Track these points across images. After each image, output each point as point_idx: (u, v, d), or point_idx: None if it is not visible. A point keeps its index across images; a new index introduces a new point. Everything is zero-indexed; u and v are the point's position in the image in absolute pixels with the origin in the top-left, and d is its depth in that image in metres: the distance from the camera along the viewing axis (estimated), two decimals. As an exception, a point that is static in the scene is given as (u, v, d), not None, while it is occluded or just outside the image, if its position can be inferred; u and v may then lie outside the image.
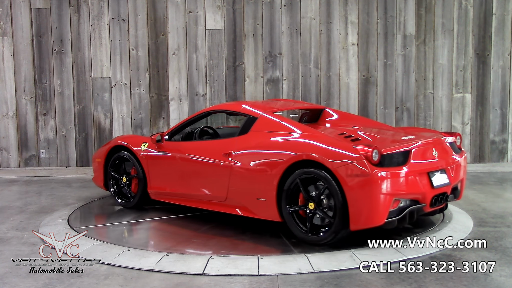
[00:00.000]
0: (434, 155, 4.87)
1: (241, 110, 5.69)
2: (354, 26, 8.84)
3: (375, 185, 4.39)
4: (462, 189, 5.30)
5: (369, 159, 4.40)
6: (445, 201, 4.92)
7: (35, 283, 3.95)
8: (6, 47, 8.84)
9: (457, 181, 5.08)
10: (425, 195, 4.66)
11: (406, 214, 4.60)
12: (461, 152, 5.29)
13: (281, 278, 3.96)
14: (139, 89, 8.89)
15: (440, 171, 4.82)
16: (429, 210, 4.79)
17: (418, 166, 4.65)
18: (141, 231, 5.59)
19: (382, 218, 4.42)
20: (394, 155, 4.57)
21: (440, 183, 4.78)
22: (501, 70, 8.85)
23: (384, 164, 4.47)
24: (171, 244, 4.92)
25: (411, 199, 4.62)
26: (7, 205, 6.67)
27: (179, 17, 8.82)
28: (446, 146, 5.11)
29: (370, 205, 4.41)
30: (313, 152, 4.64)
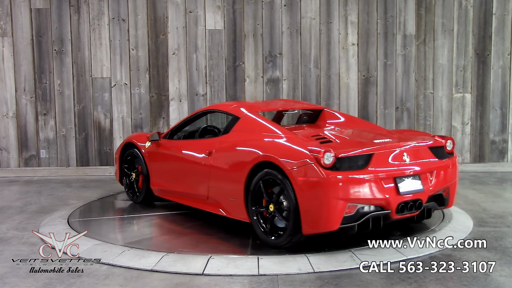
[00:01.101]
0: (405, 160, 4.59)
1: (227, 110, 5.75)
2: (354, 26, 8.84)
3: (326, 189, 4.26)
4: (452, 196, 5.00)
5: (320, 162, 4.28)
6: (418, 209, 4.58)
7: (35, 283, 3.95)
8: (6, 47, 8.84)
9: (439, 188, 4.78)
10: (390, 201, 4.41)
11: (369, 220, 4.41)
12: (451, 157, 4.98)
13: (281, 278, 3.96)
14: (139, 89, 8.89)
15: (411, 177, 4.56)
16: (397, 217, 4.51)
17: (381, 171, 4.43)
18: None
19: (335, 224, 4.27)
20: (351, 159, 4.39)
21: (409, 189, 4.51)
22: (501, 70, 8.85)
23: (339, 168, 4.31)
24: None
25: (372, 204, 4.42)
26: (7, 205, 6.68)
27: (179, 17, 8.82)
28: (424, 151, 4.81)
29: (321, 210, 4.27)
30: (272, 154, 4.60)
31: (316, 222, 4.31)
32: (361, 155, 4.44)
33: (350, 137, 5.13)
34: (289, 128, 5.59)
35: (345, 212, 4.30)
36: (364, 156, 4.44)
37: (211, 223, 5.50)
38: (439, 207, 4.96)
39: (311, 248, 4.52)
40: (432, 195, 4.75)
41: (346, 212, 4.30)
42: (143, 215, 6.07)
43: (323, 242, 4.68)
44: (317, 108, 6.20)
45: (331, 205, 4.26)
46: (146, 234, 5.47)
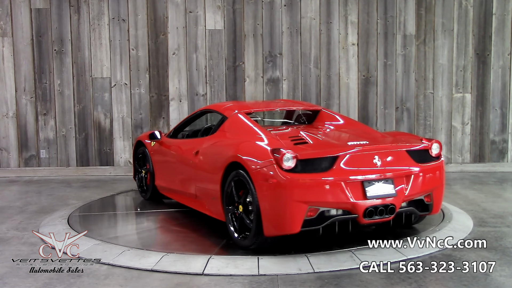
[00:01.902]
0: (375, 163, 4.47)
1: (218, 109, 5.82)
2: (354, 26, 8.84)
3: (285, 191, 4.22)
4: (436, 202, 4.82)
5: (280, 164, 4.25)
6: (391, 214, 4.44)
7: (35, 283, 3.95)
8: (6, 47, 8.84)
9: (417, 193, 4.63)
10: (356, 205, 4.31)
11: (335, 223, 4.35)
12: (435, 162, 4.82)
13: (281, 278, 3.96)
14: (139, 89, 8.89)
15: (382, 181, 4.43)
16: (366, 222, 4.40)
17: (346, 174, 4.34)
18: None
19: (296, 226, 4.23)
20: (314, 161, 4.33)
21: (379, 193, 4.39)
22: (501, 70, 8.85)
23: (301, 170, 4.27)
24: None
25: (336, 208, 4.35)
26: (7, 205, 6.68)
27: (179, 17, 8.82)
28: (401, 154, 4.66)
29: (280, 212, 4.24)
30: (240, 154, 4.62)
31: (276, 224, 4.28)
32: (325, 158, 4.37)
33: (327, 139, 5.01)
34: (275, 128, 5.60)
35: (306, 215, 4.24)
36: (328, 159, 4.37)
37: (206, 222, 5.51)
38: (421, 213, 4.77)
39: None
40: (410, 200, 4.61)
41: (307, 215, 4.24)
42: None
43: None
44: (314, 108, 6.11)
45: (290, 208, 4.22)
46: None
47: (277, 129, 5.62)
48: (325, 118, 5.84)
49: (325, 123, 5.74)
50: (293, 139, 4.79)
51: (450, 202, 6.40)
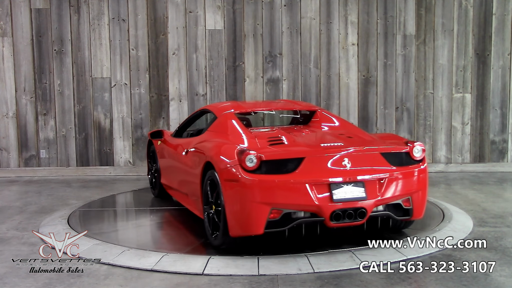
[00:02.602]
0: (345, 166, 4.40)
1: (211, 109, 5.89)
2: (354, 26, 8.84)
3: (246, 191, 4.23)
4: (417, 206, 4.67)
5: (243, 165, 4.26)
6: (361, 218, 4.36)
7: (35, 283, 3.94)
8: (6, 47, 8.84)
9: (393, 197, 4.50)
10: (322, 208, 4.24)
11: (301, 225, 4.33)
12: (416, 165, 4.68)
13: (281, 278, 3.96)
14: (139, 89, 8.89)
15: (351, 184, 4.35)
16: (333, 225, 4.33)
17: (311, 176, 4.27)
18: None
19: (259, 228, 4.23)
20: (278, 162, 4.31)
21: (346, 197, 4.30)
22: (501, 70, 8.85)
23: (265, 171, 4.26)
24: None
25: (300, 210, 4.29)
26: (7, 205, 6.68)
27: (179, 17, 8.82)
28: (375, 157, 4.56)
29: (242, 212, 4.26)
30: (213, 155, 4.66)
31: (239, 224, 4.30)
32: (290, 159, 4.33)
33: (303, 141, 4.93)
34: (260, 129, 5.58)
35: (268, 217, 4.21)
36: (293, 160, 4.32)
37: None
38: (399, 217, 4.64)
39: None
40: (385, 204, 4.50)
41: (270, 217, 4.22)
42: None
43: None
44: (311, 109, 6.03)
45: (252, 208, 4.22)
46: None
47: (262, 129, 5.62)
48: (321, 119, 5.75)
49: (320, 124, 5.67)
50: (271, 140, 4.78)
51: (450, 202, 6.40)
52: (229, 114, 5.44)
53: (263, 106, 6.59)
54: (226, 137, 5.02)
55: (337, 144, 4.66)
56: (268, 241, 4.71)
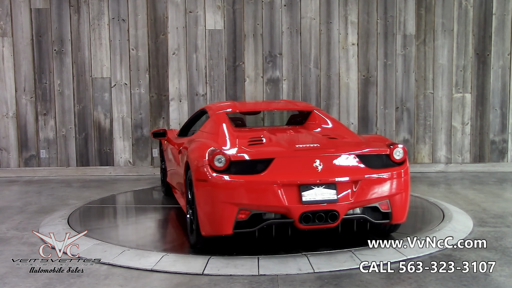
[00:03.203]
0: (316, 168, 4.33)
1: (207, 109, 5.93)
2: (354, 26, 8.84)
3: (214, 191, 4.26)
4: (397, 210, 4.54)
5: (212, 165, 4.28)
6: (333, 220, 4.28)
7: (35, 283, 3.94)
8: (6, 47, 8.84)
9: (367, 200, 4.42)
10: (291, 210, 4.20)
11: (271, 226, 4.34)
12: (395, 167, 4.56)
13: (281, 278, 3.96)
14: (139, 89, 8.89)
15: (322, 186, 4.28)
16: (304, 227, 4.28)
17: (280, 177, 4.23)
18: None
19: (227, 228, 4.25)
20: (248, 163, 4.31)
21: (316, 199, 4.23)
22: (501, 70, 8.85)
23: (234, 171, 4.27)
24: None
25: (269, 211, 4.27)
26: (7, 205, 6.68)
27: (179, 17, 8.82)
28: (350, 159, 4.47)
29: (211, 212, 4.30)
30: (190, 155, 4.70)
31: (209, 224, 4.33)
32: (260, 160, 4.32)
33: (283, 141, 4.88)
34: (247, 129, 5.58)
35: (236, 217, 4.22)
36: (263, 161, 4.31)
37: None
38: (378, 221, 4.53)
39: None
40: (360, 207, 4.43)
41: (238, 217, 4.23)
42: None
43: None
44: (306, 109, 5.97)
45: (220, 209, 4.24)
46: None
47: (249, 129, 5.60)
48: (315, 120, 5.65)
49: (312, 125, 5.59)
50: (252, 140, 4.79)
51: (450, 202, 6.40)
52: (220, 114, 5.45)
53: (259, 107, 6.63)
54: (212, 137, 5.03)
55: (313, 145, 4.62)
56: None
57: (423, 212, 6.07)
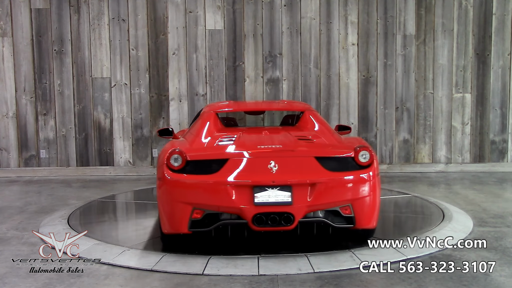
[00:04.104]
0: (271, 169, 4.28)
1: (204, 108, 5.94)
2: (354, 26, 8.84)
3: (169, 190, 4.35)
4: (360, 215, 4.40)
5: (169, 164, 4.33)
6: (287, 223, 4.22)
7: (35, 283, 3.94)
8: (6, 47, 8.84)
9: (325, 203, 4.31)
10: (243, 211, 4.19)
11: (227, 227, 4.36)
12: (359, 170, 4.42)
13: (281, 278, 3.96)
14: (139, 89, 8.89)
15: (277, 187, 4.22)
16: (258, 229, 4.26)
17: (232, 178, 4.24)
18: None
19: (183, 226, 4.32)
20: (203, 162, 4.34)
21: (270, 200, 4.19)
22: (501, 70, 8.85)
23: (190, 171, 4.32)
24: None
25: (222, 212, 4.29)
26: (7, 205, 6.67)
27: (179, 17, 8.82)
28: (308, 161, 4.38)
29: (168, 211, 4.38)
30: (159, 154, 4.78)
31: (167, 222, 4.41)
32: (214, 160, 4.34)
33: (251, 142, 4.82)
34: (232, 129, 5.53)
35: (191, 216, 4.27)
36: (217, 161, 4.33)
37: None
38: (339, 225, 4.42)
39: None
40: (316, 210, 4.34)
41: (193, 216, 4.28)
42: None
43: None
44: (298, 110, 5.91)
45: (175, 207, 4.32)
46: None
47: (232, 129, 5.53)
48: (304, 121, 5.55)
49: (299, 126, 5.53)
50: (221, 140, 4.80)
51: (450, 202, 6.40)
52: (207, 114, 5.50)
53: (254, 106, 6.64)
54: (191, 137, 5.09)
55: (275, 147, 4.57)
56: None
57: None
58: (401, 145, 8.94)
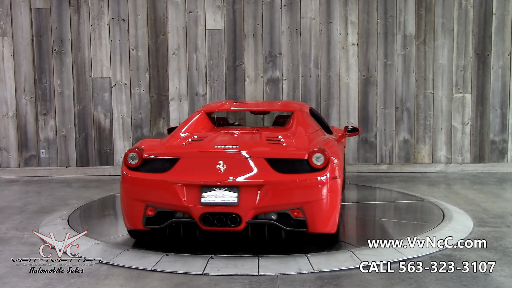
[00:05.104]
0: (219, 169, 4.29)
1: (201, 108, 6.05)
2: (354, 26, 8.84)
3: (124, 187, 4.53)
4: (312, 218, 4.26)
5: (126, 162, 4.50)
6: (234, 224, 4.22)
7: (35, 283, 3.94)
8: (6, 47, 8.84)
9: (273, 205, 4.24)
10: (191, 210, 4.24)
11: (180, 225, 4.44)
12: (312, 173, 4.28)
13: (281, 278, 3.96)
14: (139, 89, 8.89)
15: (224, 188, 4.23)
16: (207, 229, 4.29)
17: (181, 177, 4.29)
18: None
19: (138, 223, 4.48)
20: (156, 161, 4.45)
21: (216, 200, 4.21)
22: (501, 70, 8.85)
23: (145, 169, 4.45)
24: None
25: (173, 210, 4.36)
26: (7, 205, 6.67)
27: (179, 17, 8.82)
28: (258, 162, 4.31)
29: (125, 207, 4.57)
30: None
31: (126, 218, 4.59)
32: (166, 159, 4.44)
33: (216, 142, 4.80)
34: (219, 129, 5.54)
35: (145, 213, 4.41)
36: (169, 160, 4.42)
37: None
38: (291, 228, 4.31)
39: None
40: (265, 212, 4.27)
41: (146, 214, 4.42)
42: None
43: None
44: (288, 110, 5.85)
45: (130, 204, 4.51)
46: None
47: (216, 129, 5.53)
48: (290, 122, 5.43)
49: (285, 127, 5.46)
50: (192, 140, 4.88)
51: (450, 202, 6.40)
52: (196, 113, 5.64)
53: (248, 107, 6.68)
54: (170, 135, 5.19)
55: (231, 147, 4.55)
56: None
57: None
58: (401, 145, 8.94)
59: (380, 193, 7.28)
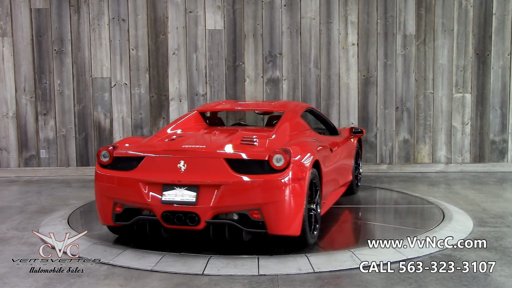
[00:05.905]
0: (179, 168, 4.34)
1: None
2: (354, 26, 8.84)
3: (97, 185, 4.69)
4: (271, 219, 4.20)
5: (99, 160, 4.67)
6: (193, 223, 4.24)
7: (35, 283, 3.95)
8: (6, 47, 8.84)
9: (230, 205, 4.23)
10: (153, 208, 4.34)
11: (145, 222, 4.51)
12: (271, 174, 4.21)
13: (281, 278, 3.96)
14: (139, 89, 8.89)
15: (184, 187, 4.28)
16: (169, 227, 4.36)
17: (144, 175, 4.40)
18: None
19: (108, 219, 4.64)
20: (124, 159, 4.59)
21: (175, 199, 4.26)
22: (501, 70, 8.85)
23: (116, 167, 4.60)
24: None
25: (138, 207, 4.47)
26: (7, 205, 6.68)
27: (179, 17, 8.82)
28: (217, 162, 4.30)
29: (97, 204, 4.75)
30: None
31: (99, 214, 4.75)
32: (133, 157, 4.57)
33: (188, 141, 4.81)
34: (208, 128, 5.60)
35: (114, 210, 4.56)
36: (136, 159, 4.55)
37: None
38: (250, 229, 4.29)
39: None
40: (223, 212, 4.27)
41: (115, 210, 4.56)
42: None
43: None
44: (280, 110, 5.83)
45: (99, 201, 4.70)
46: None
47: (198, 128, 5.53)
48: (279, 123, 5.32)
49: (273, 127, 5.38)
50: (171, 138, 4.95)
51: (450, 202, 6.40)
52: (191, 112, 5.75)
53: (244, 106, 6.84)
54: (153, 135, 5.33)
55: (196, 146, 4.58)
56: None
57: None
58: (401, 145, 8.94)
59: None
